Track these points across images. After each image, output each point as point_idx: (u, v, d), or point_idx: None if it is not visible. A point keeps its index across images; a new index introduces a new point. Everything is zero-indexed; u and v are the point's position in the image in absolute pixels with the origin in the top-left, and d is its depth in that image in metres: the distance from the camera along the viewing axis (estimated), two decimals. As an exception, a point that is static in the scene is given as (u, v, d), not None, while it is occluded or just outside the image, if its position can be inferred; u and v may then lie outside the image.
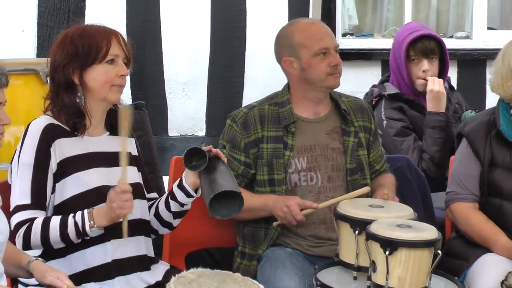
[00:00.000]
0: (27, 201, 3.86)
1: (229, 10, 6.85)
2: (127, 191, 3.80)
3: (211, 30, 6.83)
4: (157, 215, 4.10)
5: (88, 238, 3.86)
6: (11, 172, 3.94)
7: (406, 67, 5.33)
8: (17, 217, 3.83)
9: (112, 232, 3.87)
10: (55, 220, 3.84)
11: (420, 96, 5.32)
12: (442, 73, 5.39)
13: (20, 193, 3.87)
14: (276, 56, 4.58)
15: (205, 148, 3.91)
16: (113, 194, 3.78)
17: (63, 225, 3.83)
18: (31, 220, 3.84)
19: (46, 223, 3.83)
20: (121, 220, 3.79)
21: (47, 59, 4.11)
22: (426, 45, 5.34)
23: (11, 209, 3.85)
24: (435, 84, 5.23)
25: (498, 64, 4.49)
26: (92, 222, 3.82)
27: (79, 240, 3.86)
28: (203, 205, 3.85)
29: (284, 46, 4.54)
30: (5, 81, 3.55)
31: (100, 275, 3.91)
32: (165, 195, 4.10)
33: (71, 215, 3.84)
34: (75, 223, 3.83)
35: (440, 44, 5.40)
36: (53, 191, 3.93)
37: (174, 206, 4.04)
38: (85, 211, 3.84)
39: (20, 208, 3.86)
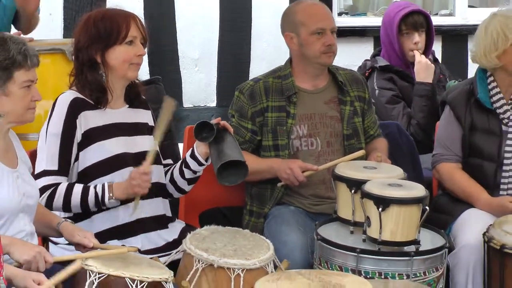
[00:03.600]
0: (54, 167, 3.87)
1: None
2: (148, 175, 3.83)
3: (220, 12, 6.81)
4: (172, 181, 4.11)
5: (104, 208, 3.89)
6: (40, 139, 3.94)
7: (398, 40, 5.31)
8: (43, 181, 3.84)
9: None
10: (78, 188, 3.86)
11: (409, 67, 5.31)
12: (428, 46, 5.37)
13: (47, 160, 3.88)
14: (281, 29, 4.59)
15: (214, 121, 3.92)
16: (136, 174, 3.83)
17: (85, 193, 3.86)
18: (56, 185, 3.86)
19: (69, 189, 3.86)
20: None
21: (72, 40, 4.11)
22: (416, 20, 5.33)
23: (35, 173, 3.85)
24: (425, 63, 5.24)
25: (481, 37, 4.47)
26: (111, 194, 3.85)
27: (96, 209, 3.90)
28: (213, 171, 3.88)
29: (288, 22, 4.55)
30: (37, 61, 3.55)
31: (123, 233, 3.94)
32: (178, 163, 4.11)
33: (93, 185, 3.88)
34: (96, 194, 3.85)
35: (427, 19, 5.39)
36: (77, 159, 3.93)
37: (187, 174, 4.06)
38: (106, 183, 3.87)
39: (46, 173, 3.87)
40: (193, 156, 4.01)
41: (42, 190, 3.81)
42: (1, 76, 3.40)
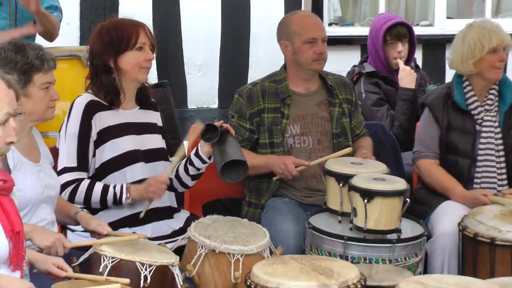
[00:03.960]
0: (73, 164, 3.89)
1: (235, 6, 6.81)
2: (165, 184, 3.87)
3: (221, 23, 6.80)
4: (177, 177, 4.11)
5: (121, 205, 3.91)
6: (59, 139, 3.96)
7: (383, 49, 5.29)
8: (65, 177, 3.86)
9: None
10: (98, 186, 3.88)
11: (393, 73, 5.30)
12: (410, 54, 5.36)
13: (67, 158, 3.89)
14: (277, 38, 4.58)
15: (217, 123, 3.92)
16: (154, 181, 3.86)
17: (104, 192, 3.88)
18: (78, 181, 3.88)
19: (90, 188, 3.88)
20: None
21: (87, 47, 4.12)
22: (400, 31, 5.31)
23: (58, 170, 3.86)
24: (408, 71, 5.23)
25: (458, 46, 4.47)
26: (128, 195, 3.87)
27: (113, 206, 3.92)
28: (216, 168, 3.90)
29: (283, 31, 4.54)
30: (53, 64, 3.57)
31: (134, 222, 3.94)
32: (183, 161, 4.09)
33: (112, 185, 3.90)
34: (115, 193, 3.88)
35: (410, 30, 5.38)
36: (94, 155, 3.95)
37: (191, 170, 4.06)
38: (124, 185, 3.89)
39: (67, 169, 3.88)
40: (197, 154, 4.01)
41: (65, 185, 3.83)
42: (21, 79, 3.39)
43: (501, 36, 4.43)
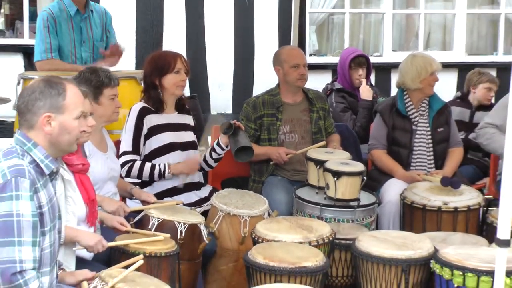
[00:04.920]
0: (129, 149, 3.87)
1: (244, 43, 6.76)
2: (198, 164, 3.90)
3: (234, 54, 6.75)
4: (204, 160, 4.07)
5: (164, 179, 3.89)
6: (122, 133, 3.95)
7: (348, 73, 5.20)
8: (123, 158, 3.85)
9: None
10: (148, 165, 3.86)
11: (355, 90, 5.28)
12: (367, 76, 5.30)
13: (126, 144, 3.88)
14: (273, 64, 4.53)
15: (232, 121, 3.91)
16: (192, 161, 3.86)
17: (152, 169, 3.86)
18: (132, 161, 3.85)
19: (142, 165, 3.85)
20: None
21: (141, 71, 4.12)
22: (360, 60, 5.23)
23: (119, 154, 3.86)
24: (366, 88, 5.24)
25: (407, 68, 4.41)
26: (169, 170, 3.85)
27: (158, 180, 3.90)
28: (231, 154, 3.90)
29: (276, 60, 4.51)
30: (117, 82, 3.58)
31: (173, 193, 3.93)
32: (208, 149, 4.07)
33: (158, 164, 3.86)
34: (159, 169, 3.86)
35: (367, 59, 5.32)
36: (144, 144, 3.93)
37: (214, 155, 4.03)
38: (166, 163, 3.86)
39: (125, 152, 3.87)
40: (218, 144, 3.99)
41: (123, 164, 3.82)
42: (95, 92, 3.42)
43: (436, 63, 4.40)
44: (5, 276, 2.30)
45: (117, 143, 3.92)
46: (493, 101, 5.43)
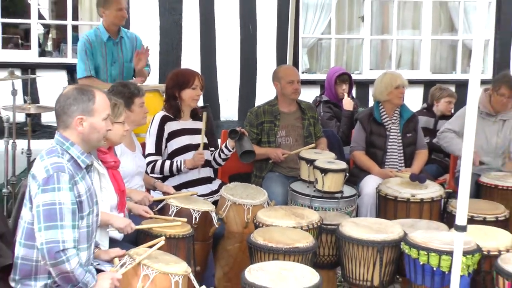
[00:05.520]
0: (153, 151, 3.87)
1: (248, 64, 6.74)
2: (203, 156, 3.84)
3: (240, 72, 6.73)
4: (214, 159, 4.05)
5: (181, 172, 3.87)
6: (147, 137, 3.93)
7: (334, 88, 5.20)
8: (148, 158, 3.84)
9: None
10: (167, 163, 3.84)
11: (339, 101, 5.27)
12: (349, 90, 5.30)
13: (150, 147, 3.88)
14: (272, 80, 4.51)
15: (238, 128, 3.90)
16: (197, 155, 3.83)
17: (171, 165, 3.84)
18: (155, 161, 3.84)
19: (162, 164, 3.84)
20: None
21: (163, 85, 4.11)
22: (344, 77, 5.21)
23: (145, 155, 3.84)
24: (348, 100, 5.22)
25: (378, 83, 4.44)
26: (184, 165, 3.83)
27: (176, 173, 3.87)
28: (237, 155, 3.89)
29: (275, 76, 4.49)
30: (144, 93, 3.56)
31: (189, 186, 3.91)
32: (217, 151, 4.05)
33: (176, 160, 3.84)
34: (177, 165, 3.84)
35: (349, 76, 5.30)
36: (165, 147, 3.92)
37: (223, 155, 4.01)
38: (182, 160, 3.84)
39: (150, 154, 3.86)
40: (226, 146, 3.98)
41: (148, 163, 3.81)
42: (127, 101, 3.40)
43: (402, 79, 4.41)
44: (51, 254, 2.30)
45: (143, 145, 3.92)
46: (452, 111, 5.42)
